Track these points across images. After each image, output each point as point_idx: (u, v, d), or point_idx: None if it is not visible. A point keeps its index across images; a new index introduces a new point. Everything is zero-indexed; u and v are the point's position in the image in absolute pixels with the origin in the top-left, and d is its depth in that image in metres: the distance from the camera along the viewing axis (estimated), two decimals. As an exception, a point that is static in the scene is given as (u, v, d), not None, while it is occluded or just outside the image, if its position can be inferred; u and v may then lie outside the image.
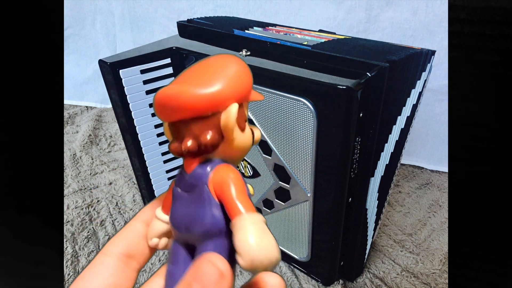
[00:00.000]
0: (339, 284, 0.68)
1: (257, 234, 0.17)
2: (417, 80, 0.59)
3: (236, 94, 0.19)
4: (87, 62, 1.32)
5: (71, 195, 0.91)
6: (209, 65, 0.19)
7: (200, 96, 0.18)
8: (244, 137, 0.20)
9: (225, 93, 0.18)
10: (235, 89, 0.19)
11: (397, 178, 0.91)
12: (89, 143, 1.12)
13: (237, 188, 0.18)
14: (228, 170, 0.19)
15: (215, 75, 0.19)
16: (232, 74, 0.19)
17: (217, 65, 0.20)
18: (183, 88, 0.18)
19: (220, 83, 0.18)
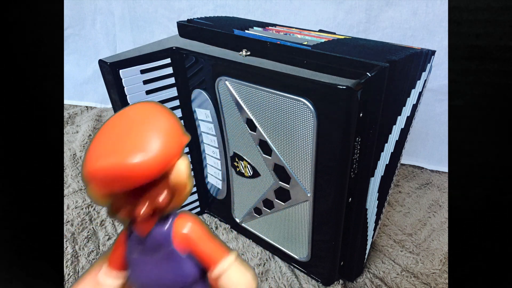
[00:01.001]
0: (339, 284, 0.68)
1: (239, 274, 0.19)
2: (417, 80, 0.59)
3: (177, 148, 0.19)
4: (87, 62, 1.32)
5: (71, 195, 0.91)
6: (132, 123, 0.18)
7: (147, 164, 0.17)
8: (190, 185, 0.21)
9: (169, 152, 0.18)
10: (174, 144, 0.19)
11: (397, 178, 0.91)
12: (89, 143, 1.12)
13: (202, 239, 0.20)
14: (185, 222, 0.20)
15: (146, 134, 0.18)
16: (164, 128, 0.19)
17: (141, 121, 0.19)
18: (124, 159, 0.18)
19: (159, 143, 0.18)
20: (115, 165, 0.17)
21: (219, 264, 0.20)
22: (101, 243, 0.78)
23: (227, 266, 0.19)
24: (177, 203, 0.20)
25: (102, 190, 0.18)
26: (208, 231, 0.20)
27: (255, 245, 0.76)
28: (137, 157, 0.17)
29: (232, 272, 0.19)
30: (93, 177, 0.18)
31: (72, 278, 0.70)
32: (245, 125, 0.61)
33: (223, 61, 0.60)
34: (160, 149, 0.17)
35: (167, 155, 0.18)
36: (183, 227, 0.20)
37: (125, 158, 0.17)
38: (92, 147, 0.18)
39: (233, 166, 0.70)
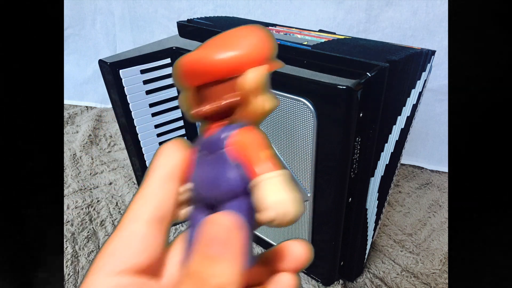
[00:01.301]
0: (339, 284, 0.68)
1: (272, 190, 0.17)
2: (417, 80, 0.59)
3: (253, 60, 0.19)
4: (87, 62, 1.32)
5: (71, 195, 0.91)
6: (231, 34, 0.20)
7: (218, 61, 0.19)
8: (267, 98, 0.20)
9: (242, 59, 0.19)
10: (252, 56, 0.19)
11: (397, 178, 0.91)
12: (89, 143, 1.12)
13: (254, 148, 0.18)
14: (246, 132, 0.19)
15: (234, 42, 0.20)
16: (251, 42, 0.20)
17: (238, 34, 0.20)
18: (203, 53, 0.20)
19: (238, 50, 0.19)
20: (190, 58, 0.19)
21: (258, 176, 0.18)
22: (101, 243, 0.78)
23: (265, 178, 0.17)
24: (246, 114, 0.20)
25: (180, 83, 0.20)
26: (264, 143, 0.19)
27: (255, 245, 0.76)
28: (210, 54, 0.19)
29: (268, 185, 0.17)
30: (175, 69, 0.20)
31: (72, 278, 0.70)
32: (245, 125, 0.61)
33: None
34: (232, 53, 0.19)
35: (237, 59, 0.19)
36: (242, 133, 0.19)
37: (200, 54, 0.19)
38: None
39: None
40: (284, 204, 0.17)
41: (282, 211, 0.17)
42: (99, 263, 0.17)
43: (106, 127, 1.22)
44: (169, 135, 0.73)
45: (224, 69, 0.19)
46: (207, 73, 0.19)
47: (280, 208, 0.17)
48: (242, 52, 0.19)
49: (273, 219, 0.17)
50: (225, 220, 0.17)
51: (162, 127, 0.71)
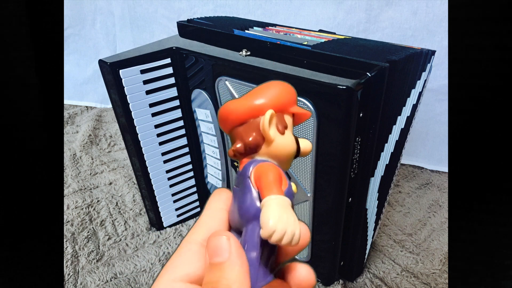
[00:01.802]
0: (339, 284, 0.68)
1: (274, 210, 0.20)
2: (417, 80, 0.59)
3: (272, 104, 0.23)
4: (87, 62, 1.32)
5: (71, 195, 0.91)
6: (260, 87, 0.24)
7: (240, 106, 0.23)
8: (284, 140, 0.23)
9: (262, 103, 0.23)
10: (271, 100, 0.23)
11: (397, 178, 0.91)
12: (89, 143, 1.12)
13: (267, 178, 0.21)
14: (266, 165, 0.22)
15: (258, 92, 0.24)
16: (271, 90, 0.24)
17: (264, 86, 0.24)
18: (230, 102, 0.24)
19: (259, 97, 0.23)
20: (221, 108, 0.24)
21: (264, 198, 0.21)
22: (101, 243, 0.78)
23: (267, 200, 0.20)
24: (269, 153, 0.23)
25: (223, 129, 0.24)
26: (278, 177, 0.21)
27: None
28: (235, 102, 0.23)
29: (267, 207, 0.20)
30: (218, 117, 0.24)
31: (72, 278, 0.70)
32: (245, 125, 0.61)
33: (223, 61, 0.60)
34: (253, 99, 0.23)
35: (257, 103, 0.23)
36: (262, 165, 0.22)
37: (228, 103, 0.24)
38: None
39: (233, 166, 0.70)
40: (284, 223, 0.19)
41: (279, 229, 0.19)
42: (165, 273, 0.21)
43: (106, 127, 1.22)
44: (169, 135, 0.73)
45: (245, 113, 0.23)
46: (232, 118, 0.23)
47: (273, 226, 0.19)
48: (260, 98, 0.23)
49: (268, 236, 0.19)
50: (221, 233, 0.21)
51: (162, 127, 0.71)
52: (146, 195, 0.78)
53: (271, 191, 0.21)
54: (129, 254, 0.75)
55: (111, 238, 0.79)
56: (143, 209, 0.85)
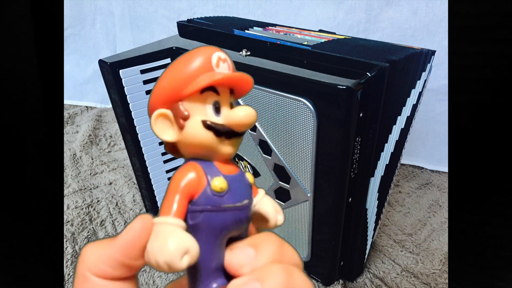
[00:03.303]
0: (339, 284, 0.68)
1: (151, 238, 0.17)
2: (417, 80, 0.59)
3: (159, 101, 0.19)
4: (87, 62, 1.32)
5: (71, 195, 0.91)
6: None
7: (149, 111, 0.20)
8: (185, 134, 0.19)
9: (150, 105, 0.20)
10: (156, 97, 0.19)
11: (397, 178, 0.91)
12: (89, 143, 1.12)
13: (166, 191, 0.19)
14: (177, 172, 0.19)
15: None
16: (159, 81, 0.20)
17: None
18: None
19: (151, 94, 0.20)
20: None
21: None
22: (101, 243, 0.78)
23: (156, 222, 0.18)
24: (186, 151, 0.20)
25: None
26: (173, 188, 0.19)
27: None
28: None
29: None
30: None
31: (72, 278, 0.70)
32: (245, 125, 0.61)
33: (223, 61, 0.60)
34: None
35: (149, 104, 0.20)
36: (179, 169, 0.20)
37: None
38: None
39: (233, 166, 0.70)
40: (153, 254, 0.17)
41: (148, 261, 0.17)
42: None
43: (106, 127, 1.22)
44: (169, 135, 0.73)
45: (149, 115, 0.20)
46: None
47: (150, 257, 0.17)
48: (150, 96, 0.20)
49: (152, 266, 0.17)
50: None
51: (162, 127, 0.71)
52: (146, 195, 0.78)
53: (161, 211, 0.18)
54: (129, 254, 0.75)
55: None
56: (143, 209, 0.85)
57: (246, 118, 0.19)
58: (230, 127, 0.19)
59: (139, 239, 0.17)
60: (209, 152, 0.19)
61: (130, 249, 0.17)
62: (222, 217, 0.19)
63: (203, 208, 0.18)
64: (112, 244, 0.17)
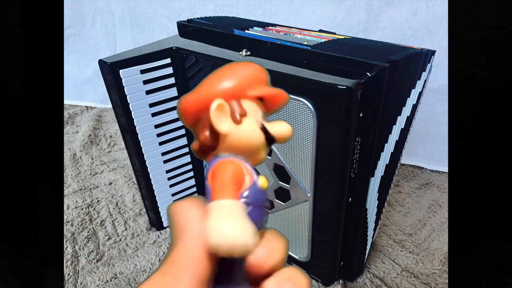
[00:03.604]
0: (339, 284, 0.68)
1: (217, 220, 0.17)
2: (417, 80, 0.59)
3: (221, 92, 0.20)
4: (87, 62, 1.32)
5: (71, 195, 0.91)
6: (212, 73, 0.21)
7: (191, 101, 0.20)
8: (242, 131, 0.20)
9: (208, 94, 0.20)
10: (220, 88, 0.20)
11: (397, 178, 0.91)
12: (89, 143, 1.12)
13: (219, 179, 0.19)
14: (223, 163, 0.19)
15: (208, 80, 0.20)
16: (221, 75, 0.20)
17: (217, 71, 0.21)
18: (184, 97, 0.20)
19: (208, 86, 0.20)
20: (178, 104, 0.21)
21: (211, 203, 0.18)
22: (101, 243, 0.78)
23: (211, 208, 0.18)
24: (230, 147, 0.20)
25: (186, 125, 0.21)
26: (228, 176, 0.19)
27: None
28: (184, 97, 0.20)
29: (210, 217, 0.17)
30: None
31: (72, 278, 0.70)
32: (245, 125, 0.61)
33: (223, 61, 0.60)
34: (200, 91, 0.20)
35: (203, 95, 0.20)
36: (219, 164, 0.20)
37: (181, 98, 0.20)
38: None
39: (233, 166, 0.70)
40: (219, 237, 0.16)
41: (223, 243, 0.16)
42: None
43: (106, 127, 1.22)
44: (169, 135, 0.73)
45: (194, 108, 0.20)
46: (184, 115, 0.20)
47: (216, 240, 0.16)
48: (206, 88, 0.20)
49: (214, 250, 0.17)
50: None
51: (162, 127, 0.71)
52: (146, 195, 0.78)
53: (219, 195, 0.18)
54: (129, 254, 0.75)
55: (111, 238, 0.79)
56: (143, 209, 0.85)
57: (290, 133, 0.21)
58: (275, 135, 0.21)
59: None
60: (253, 152, 0.20)
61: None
62: (262, 213, 0.20)
63: (252, 202, 0.19)
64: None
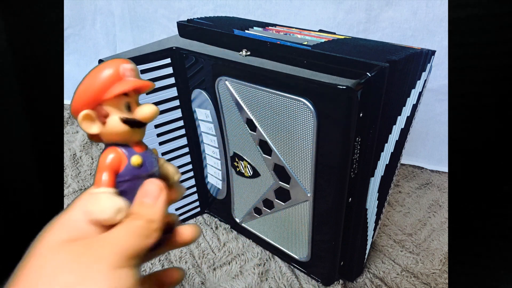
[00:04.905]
0: (339, 284, 0.68)
1: (90, 202, 0.25)
2: (417, 80, 0.59)
3: (79, 105, 0.26)
4: (87, 62, 1.32)
5: (71, 195, 0.91)
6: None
7: (71, 110, 0.27)
8: (107, 129, 0.26)
9: (73, 106, 0.27)
10: (78, 101, 0.26)
11: (397, 178, 0.91)
12: (89, 143, 1.12)
13: (97, 168, 0.26)
14: (102, 155, 0.27)
15: (76, 92, 0.27)
16: (82, 86, 0.26)
17: (80, 83, 0.27)
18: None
19: (75, 98, 0.27)
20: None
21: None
22: (101, 243, 0.78)
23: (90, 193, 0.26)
24: (107, 139, 0.27)
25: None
26: (101, 163, 0.26)
27: (255, 245, 0.76)
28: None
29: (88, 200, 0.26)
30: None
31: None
32: (245, 125, 0.61)
33: (223, 61, 0.60)
34: (72, 103, 0.27)
35: (71, 107, 0.27)
36: (101, 154, 0.27)
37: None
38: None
39: (233, 166, 0.70)
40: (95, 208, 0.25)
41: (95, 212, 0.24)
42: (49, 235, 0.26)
43: (106, 127, 1.22)
44: (169, 135, 0.73)
45: (74, 115, 0.27)
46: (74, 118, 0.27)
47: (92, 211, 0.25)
48: (73, 101, 0.27)
49: (91, 220, 0.25)
50: (157, 182, 0.28)
51: (162, 127, 0.71)
52: (146, 195, 0.78)
53: (95, 183, 0.26)
54: (129, 254, 0.75)
55: (111, 238, 0.79)
56: (143, 209, 0.85)
57: (151, 113, 0.27)
58: (140, 120, 0.27)
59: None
60: (125, 139, 0.27)
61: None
62: (141, 183, 0.27)
63: (127, 179, 0.26)
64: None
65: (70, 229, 0.25)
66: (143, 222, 0.25)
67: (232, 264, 0.72)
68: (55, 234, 0.25)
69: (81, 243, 0.24)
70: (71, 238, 0.24)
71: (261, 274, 0.70)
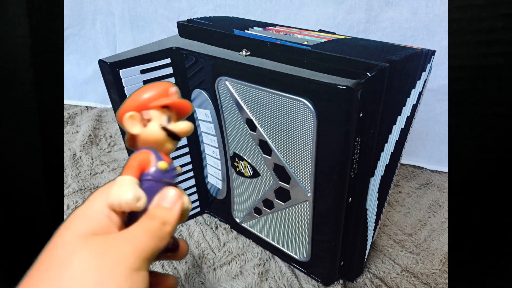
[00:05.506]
0: (339, 284, 0.68)
1: (113, 187, 0.28)
2: (417, 80, 0.59)
3: (131, 106, 0.30)
4: (87, 62, 1.32)
5: (71, 195, 0.91)
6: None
7: (119, 113, 0.30)
8: (147, 131, 0.30)
9: (122, 109, 0.30)
10: (130, 103, 0.30)
11: (397, 178, 0.91)
12: (89, 143, 1.12)
13: (127, 162, 0.29)
14: (136, 154, 0.29)
15: (127, 99, 0.31)
16: (133, 95, 0.30)
17: (134, 92, 0.31)
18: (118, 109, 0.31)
19: (125, 103, 0.30)
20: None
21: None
22: (101, 243, 0.78)
23: (116, 180, 0.28)
24: (143, 144, 0.30)
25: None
26: (131, 162, 0.29)
27: (255, 245, 0.76)
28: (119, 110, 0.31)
29: (113, 185, 0.28)
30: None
31: (72, 278, 0.70)
32: (245, 125, 0.61)
33: (223, 61, 0.60)
34: (120, 108, 0.30)
35: (120, 111, 0.30)
36: (133, 153, 0.30)
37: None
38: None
39: (233, 166, 0.70)
40: (113, 197, 0.27)
41: (111, 200, 0.27)
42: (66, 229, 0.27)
43: (106, 127, 1.22)
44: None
45: (119, 118, 0.30)
46: (119, 122, 0.31)
47: (113, 196, 0.27)
48: (121, 106, 0.30)
49: (110, 203, 0.27)
50: (174, 188, 0.31)
51: (162, 127, 0.71)
52: (146, 195, 0.78)
53: (124, 173, 0.28)
54: (129, 254, 0.75)
55: (111, 238, 0.79)
56: (143, 209, 0.85)
57: (187, 129, 0.31)
58: (176, 132, 0.30)
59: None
60: (158, 146, 0.30)
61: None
62: (160, 187, 0.29)
63: (150, 178, 0.29)
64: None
65: (91, 221, 0.26)
66: (158, 223, 0.27)
67: (232, 264, 0.72)
68: (76, 225, 0.26)
69: (102, 240, 0.25)
70: (91, 232, 0.26)
71: (261, 274, 0.70)
